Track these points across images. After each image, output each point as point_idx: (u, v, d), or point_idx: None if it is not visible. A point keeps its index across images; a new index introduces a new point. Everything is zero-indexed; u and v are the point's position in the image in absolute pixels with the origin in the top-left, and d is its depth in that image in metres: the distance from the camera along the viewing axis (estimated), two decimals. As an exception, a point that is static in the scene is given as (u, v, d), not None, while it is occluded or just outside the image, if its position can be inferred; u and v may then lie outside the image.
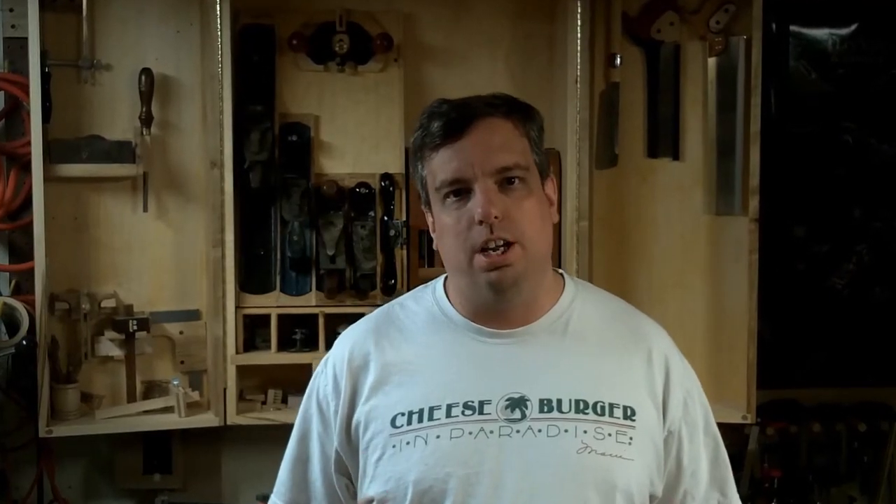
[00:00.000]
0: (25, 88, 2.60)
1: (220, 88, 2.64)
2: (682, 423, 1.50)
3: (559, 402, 1.42)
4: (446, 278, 1.55)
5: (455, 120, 1.43)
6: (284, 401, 2.79)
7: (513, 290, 1.44)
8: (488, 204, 1.39)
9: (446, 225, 1.44)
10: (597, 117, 2.81)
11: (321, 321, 2.74)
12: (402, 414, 1.45)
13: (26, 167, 2.62)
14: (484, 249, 1.40)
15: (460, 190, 1.42)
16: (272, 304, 2.76)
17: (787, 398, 3.05)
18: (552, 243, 1.51)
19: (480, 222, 1.39)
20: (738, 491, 1.61)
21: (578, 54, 2.70)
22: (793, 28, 3.00)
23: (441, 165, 1.43)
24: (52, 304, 2.66)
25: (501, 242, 1.40)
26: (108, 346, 2.73)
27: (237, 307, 2.71)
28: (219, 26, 2.62)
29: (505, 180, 1.42)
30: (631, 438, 1.42)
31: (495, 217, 1.39)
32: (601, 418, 1.42)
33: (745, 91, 2.76)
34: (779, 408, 3.02)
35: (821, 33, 3.02)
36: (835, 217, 3.05)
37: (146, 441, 2.85)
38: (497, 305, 1.46)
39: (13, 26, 2.71)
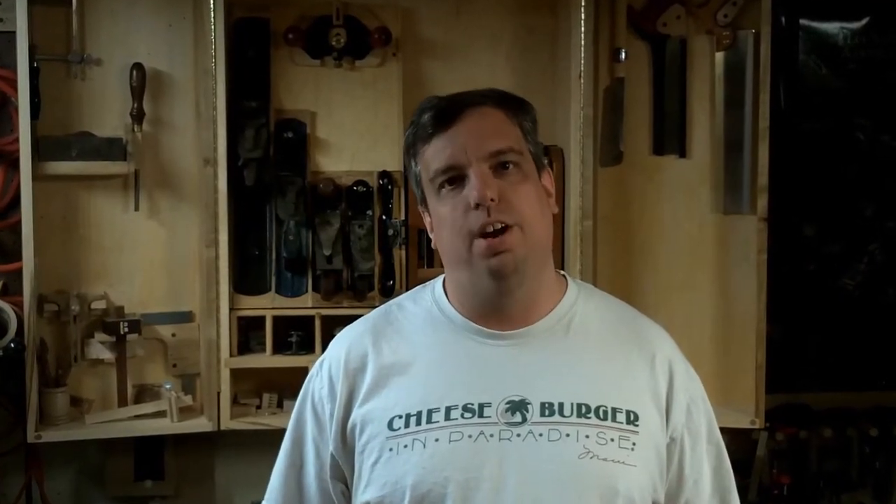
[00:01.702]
0: (13, 84, 2.58)
1: (213, 84, 2.62)
2: (684, 430, 1.47)
3: (561, 405, 1.39)
4: (445, 278, 1.52)
5: (445, 109, 1.43)
6: (280, 405, 2.76)
7: (514, 277, 1.41)
8: (484, 186, 1.37)
9: (443, 215, 1.42)
10: (601, 114, 2.78)
11: (317, 323, 2.71)
12: (400, 416, 1.41)
13: (14, 165, 2.60)
14: (483, 234, 1.38)
15: (455, 178, 1.41)
16: (267, 305, 2.75)
17: (796, 402, 3.03)
18: (552, 235, 1.49)
19: (477, 206, 1.37)
20: (747, 498, 1.58)
21: (582, 49, 2.69)
22: (802, 22, 2.99)
23: (434, 155, 1.42)
24: (41, 306, 2.64)
25: (500, 225, 1.38)
26: (99, 348, 2.70)
27: (231, 309, 2.69)
28: (212, 20, 2.61)
29: (499, 165, 1.41)
30: (634, 444, 1.39)
31: (491, 199, 1.37)
32: (603, 423, 1.39)
33: (753, 86, 2.75)
34: (788, 412, 3.00)
35: (831, 27, 3.01)
36: (846, 216, 3.04)
37: (137, 446, 2.82)
38: (498, 298, 1.43)
39: (1, 20, 2.66)
